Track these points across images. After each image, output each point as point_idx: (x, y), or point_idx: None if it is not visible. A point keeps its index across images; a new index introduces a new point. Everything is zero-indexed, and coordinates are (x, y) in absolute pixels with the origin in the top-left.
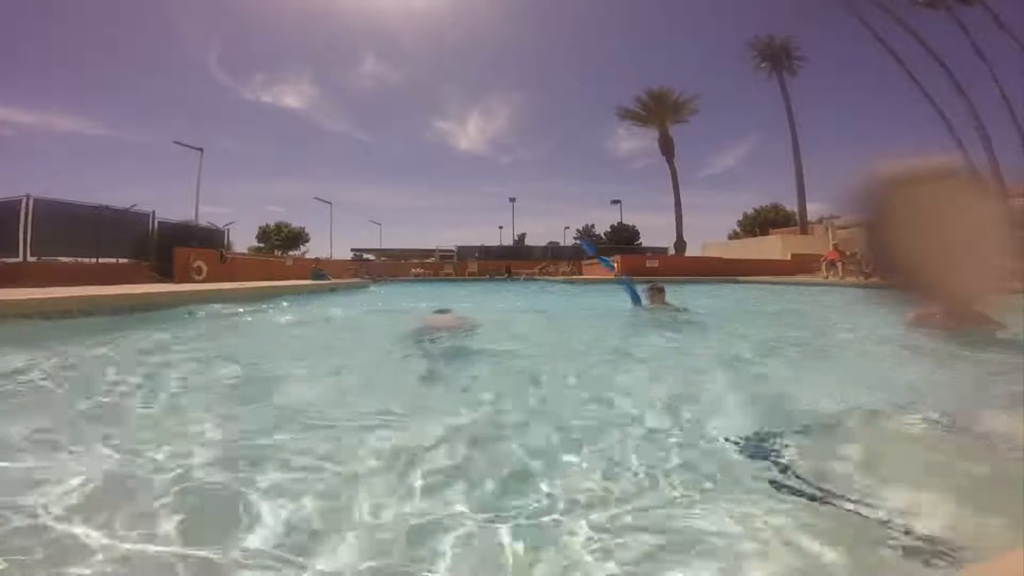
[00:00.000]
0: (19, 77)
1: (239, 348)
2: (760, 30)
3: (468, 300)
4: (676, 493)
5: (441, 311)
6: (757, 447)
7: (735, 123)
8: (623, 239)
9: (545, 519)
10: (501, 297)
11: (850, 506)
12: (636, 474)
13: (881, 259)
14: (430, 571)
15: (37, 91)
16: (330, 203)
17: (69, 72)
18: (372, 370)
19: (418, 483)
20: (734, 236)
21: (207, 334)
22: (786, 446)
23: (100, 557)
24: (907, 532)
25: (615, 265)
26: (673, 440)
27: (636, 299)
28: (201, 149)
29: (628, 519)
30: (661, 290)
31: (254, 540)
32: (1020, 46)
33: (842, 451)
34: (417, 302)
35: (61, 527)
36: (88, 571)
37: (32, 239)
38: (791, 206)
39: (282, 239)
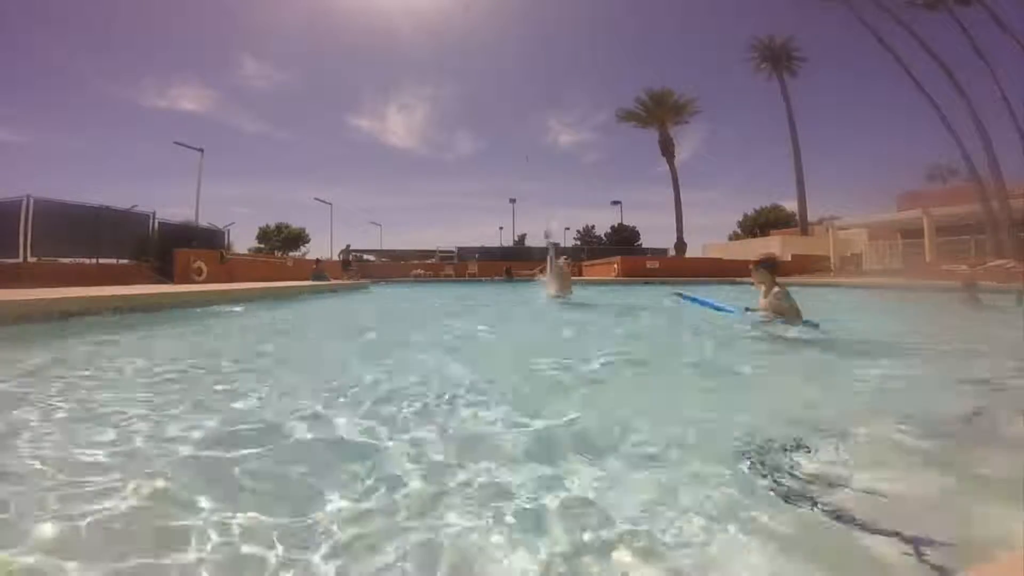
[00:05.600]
0: None
1: None
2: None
3: None
4: None
5: None
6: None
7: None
8: (623, 240)
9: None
10: None
11: (847, 508)
12: None
13: None
14: None
15: None
16: (330, 204)
17: None
18: None
19: None
20: (735, 237)
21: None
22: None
23: None
24: (906, 533)
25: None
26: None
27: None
28: (201, 150)
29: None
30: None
31: None
32: (1020, 46)
33: (838, 453)
34: None
35: None
36: None
37: (32, 239)
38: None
39: (282, 240)
